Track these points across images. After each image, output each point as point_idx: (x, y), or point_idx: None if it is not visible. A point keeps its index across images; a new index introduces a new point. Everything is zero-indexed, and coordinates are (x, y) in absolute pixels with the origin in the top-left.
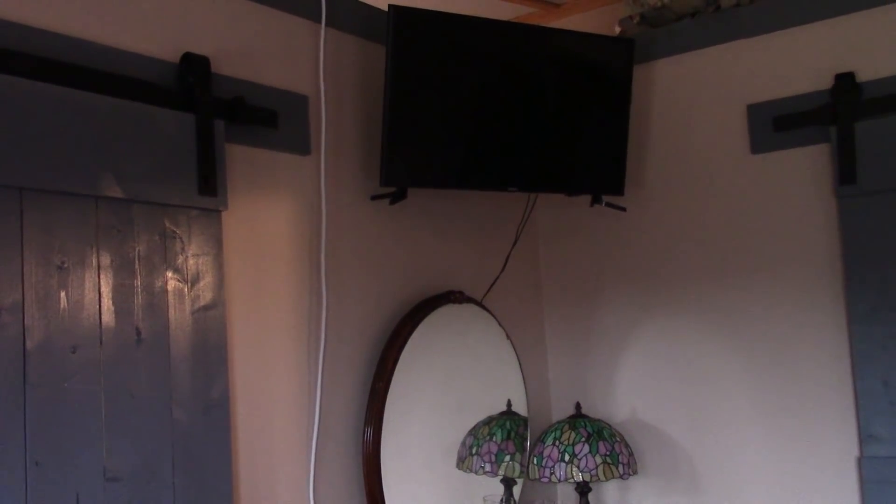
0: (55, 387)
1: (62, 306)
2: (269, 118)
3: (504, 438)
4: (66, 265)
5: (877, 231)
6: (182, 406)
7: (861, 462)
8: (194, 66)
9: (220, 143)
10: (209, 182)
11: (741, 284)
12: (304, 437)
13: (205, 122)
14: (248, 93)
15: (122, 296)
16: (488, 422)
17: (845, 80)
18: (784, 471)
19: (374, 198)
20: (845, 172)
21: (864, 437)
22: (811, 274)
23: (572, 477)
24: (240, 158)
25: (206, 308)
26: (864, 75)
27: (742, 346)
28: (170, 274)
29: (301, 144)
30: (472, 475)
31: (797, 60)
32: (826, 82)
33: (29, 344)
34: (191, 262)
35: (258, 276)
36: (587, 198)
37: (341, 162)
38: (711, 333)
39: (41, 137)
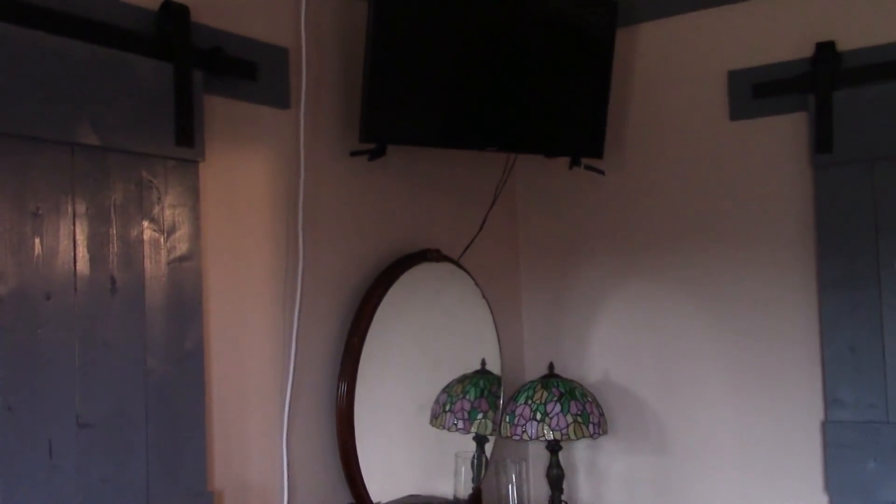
0: (29, 333)
1: (36, 253)
2: (248, 70)
3: (477, 396)
4: (40, 212)
5: (850, 200)
6: (156, 356)
7: (825, 426)
8: (174, 14)
9: (198, 93)
10: (187, 132)
11: (715, 249)
12: (279, 389)
13: (183, 71)
14: (228, 44)
15: (97, 244)
16: (462, 380)
17: (826, 49)
18: (750, 432)
19: (353, 154)
20: (822, 141)
21: (830, 402)
22: (784, 240)
23: (543, 435)
24: (218, 110)
25: (181, 259)
26: (844, 44)
27: (713, 311)
28: (146, 224)
29: (280, 98)
30: (445, 432)
31: (779, 28)
32: (807, 50)
33: (2, 289)
34: (167, 212)
35: (234, 229)
36: (566, 160)
37: (321, 117)
38: (684, 297)
39: (16, 82)
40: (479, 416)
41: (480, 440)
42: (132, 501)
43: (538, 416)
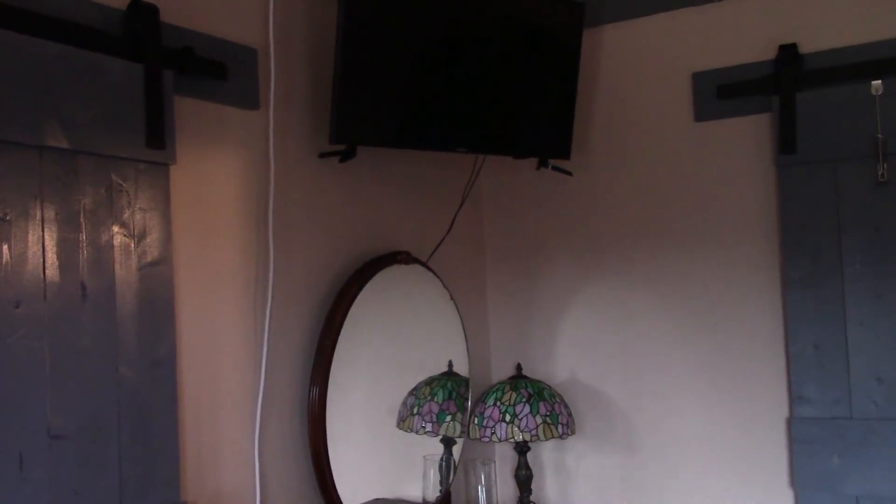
0: None
1: (4, 260)
2: (218, 70)
3: (445, 398)
4: (8, 217)
5: (813, 200)
6: (128, 363)
7: (791, 422)
8: (142, 13)
9: (168, 94)
10: (157, 134)
11: (681, 249)
12: (251, 394)
13: (153, 72)
14: (197, 44)
15: (66, 250)
16: (430, 382)
17: (788, 51)
18: (716, 430)
19: (322, 155)
20: (785, 142)
21: (795, 399)
22: (749, 240)
23: (513, 437)
24: (188, 111)
25: (152, 264)
26: (806, 47)
27: (680, 310)
28: (116, 228)
29: (250, 99)
30: (413, 434)
31: (742, 30)
32: (770, 52)
33: None
34: (137, 216)
35: (205, 233)
36: (533, 161)
37: (290, 118)
38: (650, 296)
39: None
40: (448, 418)
41: (448, 442)
42: None
43: (507, 417)
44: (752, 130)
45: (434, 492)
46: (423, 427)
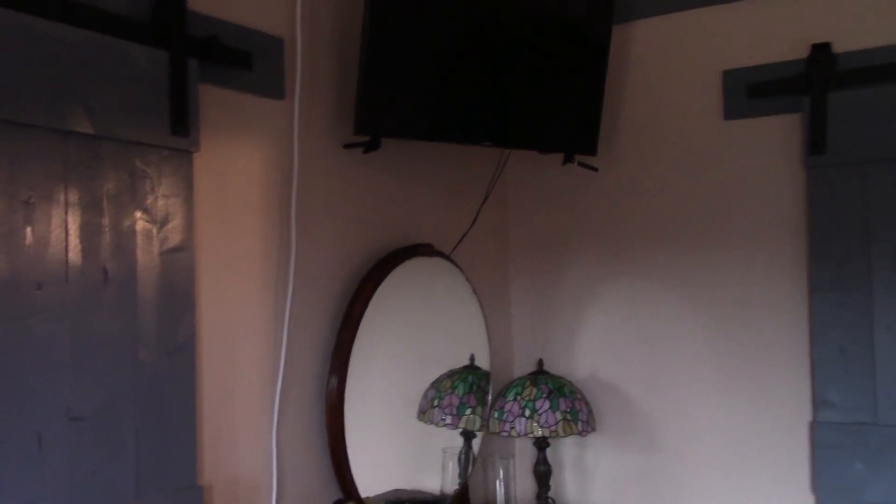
0: (20, 323)
1: (28, 242)
2: (243, 59)
3: (466, 392)
4: (32, 200)
5: (842, 202)
6: (147, 347)
7: (813, 427)
8: (169, 1)
9: (193, 82)
10: (181, 122)
11: (707, 249)
12: (269, 383)
13: (178, 59)
14: (223, 32)
15: (89, 234)
16: (451, 375)
17: (821, 51)
18: (738, 432)
19: (346, 146)
20: (816, 142)
21: (818, 403)
22: (776, 241)
23: (532, 432)
24: (212, 100)
25: (174, 250)
26: (840, 46)
27: (704, 310)
28: (139, 214)
29: (275, 88)
30: (433, 427)
31: (775, 28)
32: (802, 51)
33: None
34: (160, 202)
35: (227, 220)
36: (559, 156)
37: (315, 108)
38: (674, 296)
39: (8, 67)
40: (468, 411)
41: (468, 436)
42: (122, 495)
43: (527, 412)
44: (781, 130)
45: (452, 484)
46: (443, 419)
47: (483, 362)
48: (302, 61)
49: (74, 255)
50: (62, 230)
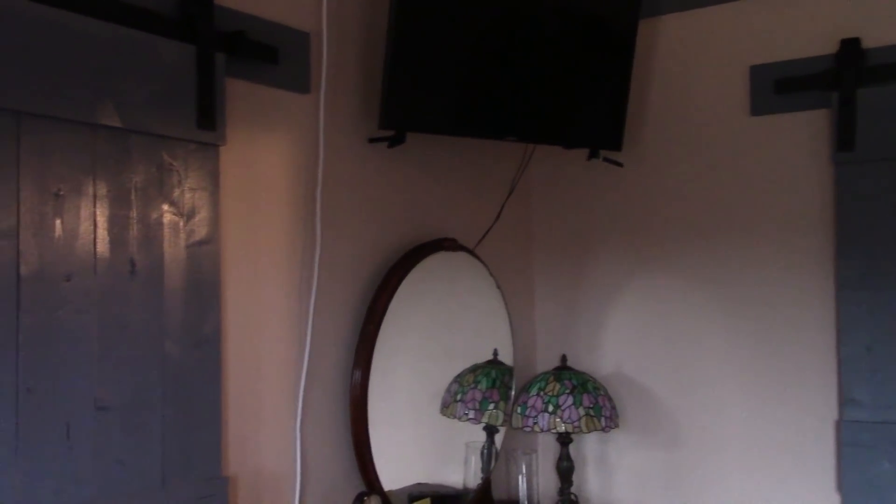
0: (48, 314)
1: (57, 234)
2: (270, 54)
3: (489, 387)
4: (62, 192)
5: (871, 199)
6: (174, 339)
7: (840, 425)
8: None
9: (220, 76)
10: (208, 116)
11: (732, 245)
12: (294, 375)
13: (206, 54)
14: (250, 27)
15: (117, 226)
16: (474, 370)
17: (851, 46)
18: (763, 430)
19: (371, 140)
20: (844, 139)
21: (845, 401)
22: (803, 238)
23: (555, 427)
24: (239, 94)
25: (200, 243)
26: (869, 42)
27: (729, 307)
28: (166, 207)
29: (301, 82)
30: (456, 421)
31: (803, 23)
32: (831, 47)
33: (23, 269)
34: (187, 195)
35: (253, 214)
36: (584, 151)
37: (340, 102)
38: (699, 292)
39: (40, 61)
40: (491, 406)
41: (491, 430)
42: (148, 484)
43: (550, 408)
44: (809, 126)
45: (475, 479)
46: (466, 414)
47: (506, 357)
48: (327, 56)
49: (102, 247)
50: (90, 222)
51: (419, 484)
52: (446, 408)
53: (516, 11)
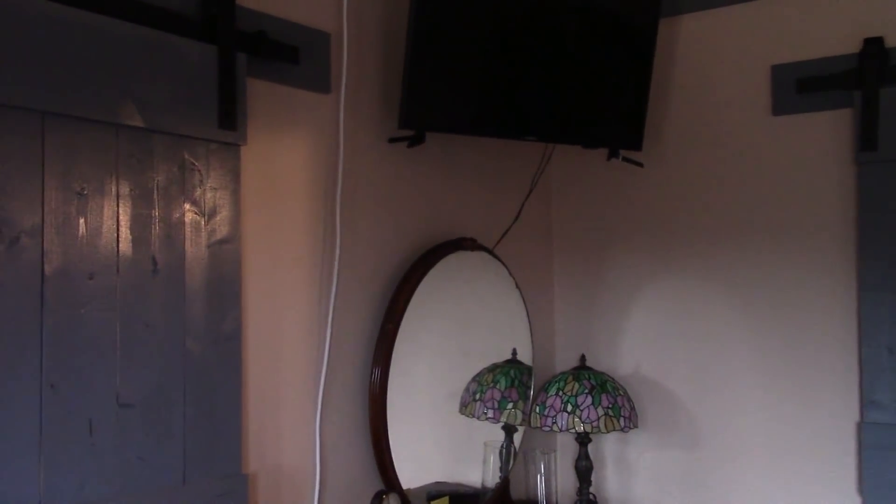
0: (72, 312)
1: (80, 233)
2: (290, 54)
3: (508, 386)
4: (85, 192)
5: (893, 199)
6: (195, 337)
7: (861, 427)
8: None
9: (241, 76)
10: (229, 116)
11: (753, 246)
12: (313, 373)
13: (227, 54)
14: (271, 27)
15: (139, 225)
16: (493, 369)
17: (874, 45)
18: (783, 431)
19: (391, 140)
20: (866, 139)
21: (866, 403)
22: (824, 239)
23: (574, 427)
24: (260, 94)
25: (221, 242)
26: (893, 41)
27: (749, 308)
28: (187, 206)
29: (321, 82)
30: (475, 420)
31: (825, 22)
32: (854, 46)
33: (47, 268)
34: (208, 195)
35: (274, 213)
36: (603, 151)
37: (361, 102)
38: (720, 293)
39: (64, 62)
40: (509, 405)
41: (509, 430)
42: (168, 480)
43: (569, 407)
44: (831, 126)
45: (493, 478)
46: (485, 413)
47: (525, 357)
48: (348, 56)
49: (125, 245)
50: (113, 221)
51: (438, 483)
52: (465, 407)
53: (536, 11)
